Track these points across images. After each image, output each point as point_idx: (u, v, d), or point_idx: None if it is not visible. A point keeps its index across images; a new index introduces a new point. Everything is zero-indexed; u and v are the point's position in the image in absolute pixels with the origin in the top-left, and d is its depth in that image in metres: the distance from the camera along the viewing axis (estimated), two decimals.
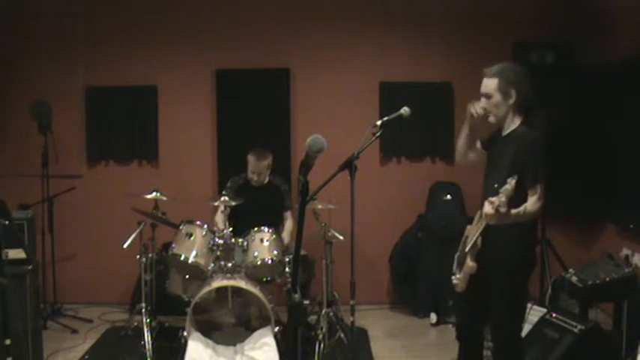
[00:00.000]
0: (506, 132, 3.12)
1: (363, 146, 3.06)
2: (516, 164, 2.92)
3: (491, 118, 3.13)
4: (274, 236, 4.35)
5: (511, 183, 2.69)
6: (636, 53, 4.62)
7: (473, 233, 3.08)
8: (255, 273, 4.23)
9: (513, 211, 2.78)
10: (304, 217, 2.25)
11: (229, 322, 4.27)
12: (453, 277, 3.20)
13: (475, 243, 2.98)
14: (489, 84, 3.07)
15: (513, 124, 3.10)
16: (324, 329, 4.31)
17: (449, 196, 5.47)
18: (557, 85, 4.95)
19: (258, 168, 4.86)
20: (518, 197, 2.80)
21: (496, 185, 2.92)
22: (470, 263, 3.00)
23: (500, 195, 2.72)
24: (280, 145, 5.50)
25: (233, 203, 4.45)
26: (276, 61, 5.66)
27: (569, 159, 5.08)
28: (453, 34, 5.60)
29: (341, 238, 4.49)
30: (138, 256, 4.46)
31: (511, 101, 3.05)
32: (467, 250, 3.04)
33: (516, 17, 5.46)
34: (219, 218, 4.77)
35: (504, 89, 3.04)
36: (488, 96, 3.08)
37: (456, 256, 3.25)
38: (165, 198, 4.47)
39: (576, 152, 5.07)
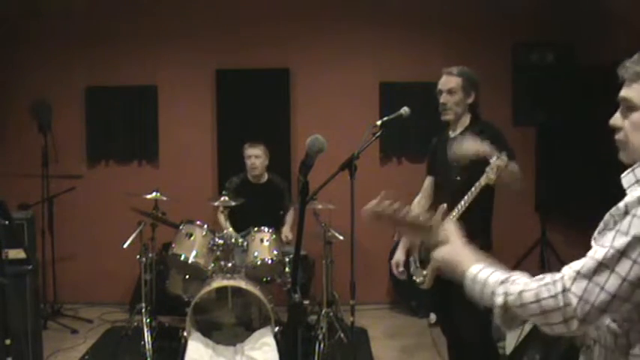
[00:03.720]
0: (457, 132, 3.23)
1: (363, 146, 3.07)
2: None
3: (448, 116, 3.24)
4: (274, 236, 4.35)
5: (502, 158, 2.79)
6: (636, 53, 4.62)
7: None
8: (255, 273, 4.23)
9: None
10: (304, 217, 2.25)
11: (229, 322, 4.27)
12: (415, 277, 3.20)
13: None
14: (453, 81, 3.20)
15: (463, 124, 3.22)
16: (324, 329, 4.31)
17: None
18: (557, 85, 4.95)
19: (254, 152, 4.89)
20: (477, 209, 2.96)
21: (458, 178, 3.01)
22: None
23: (491, 168, 2.83)
24: (280, 145, 5.50)
25: (233, 203, 4.45)
26: (276, 61, 5.66)
27: (569, 159, 5.08)
28: (452, 34, 5.60)
29: (341, 238, 4.49)
30: (138, 256, 4.46)
31: (469, 100, 3.19)
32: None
33: (516, 17, 5.46)
34: (223, 222, 4.78)
35: (467, 88, 3.18)
36: (451, 92, 3.20)
37: (411, 259, 3.27)
38: (165, 198, 4.47)
39: (576, 152, 5.07)
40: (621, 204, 1.33)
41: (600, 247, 1.32)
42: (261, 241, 4.29)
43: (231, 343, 4.01)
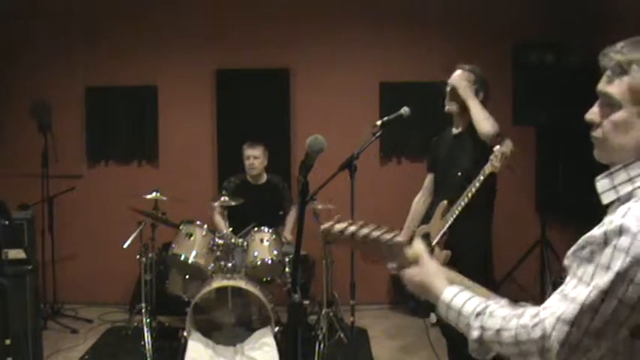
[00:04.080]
0: (459, 129, 3.28)
1: (363, 146, 3.07)
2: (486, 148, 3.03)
3: (452, 108, 3.21)
4: (274, 236, 4.35)
5: (507, 144, 2.83)
6: None
7: (439, 227, 3.12)
8: (255, 273, 4.23)
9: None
10: (304, 218, 2.25)
11: (229, 322, 4.27)
12: None
13: (444, 233, 3.04)
14: (464, 75, 3.26)
15: (466, 121, 3.23)
16: (324, 329, 4.31)
17: None
18: (557, 85, 4.95)
19: (253, 152, 4.87)
20: (481, 203, 2.99)
21: (460, 173, 3.03)
22: (444, 252, 3.04)
23: (495, 156, 2.87)
24: (280, 145, 5.50)
25: (233, 203, 4.45)
26: (276, 61, 5.66)
27: (569, 159, 5.08)
28: (452, 34, 5.60)
29: None
30: (138, 256, 4.47)
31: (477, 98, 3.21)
32: (434, 243, 3.08)
33: (516, 17, 5.46)
34: (220, 221, 4.77)
35: (476, 86, 3.23)
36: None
37: None
38: (165, 198, 4.47)
39: (576, 152, 5.06)
40: (598, 232, 1.20)
41: (580, 285, 1.19)
42: (261, 241, 4.30)
43: (231, 343, 4.02)
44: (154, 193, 4.45)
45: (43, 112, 5.19)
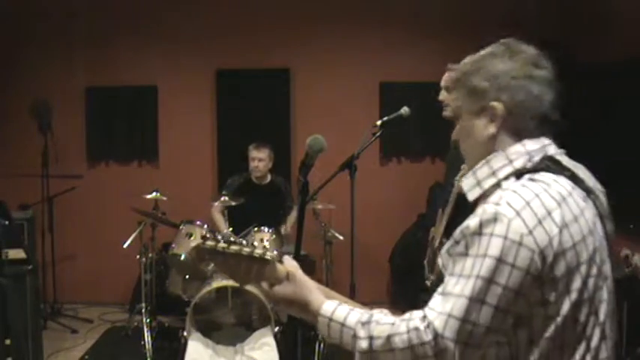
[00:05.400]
0: None
1: (363, 146, 3.07)
2: None
3: (446, 113, 3.15)
4: (274, 236, 4.35)
5: None
6: (635, 53, 4.62)
7: (440, 231, 3.10)
8: None
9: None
10: (304, 217, 2.25)
11: (229, 322, 4.27)
12: (427, 281, 3.21)
13: (441, 242, 3.01)
14: (450, 77, 3.08)
15: None
16: None
17: None
18: (557, 85, 4.95)
19: (258, 155, 4.86)
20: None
21: (457, 178, 2.99)
22: None
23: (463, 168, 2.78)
24: (280, 145, 5.49)
25: (233, 203, 4.45)
26: (276, 61, 5.66)
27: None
28: (452, 34, 5.60)
29: (341, 238, 4.49)
30: (138, 256, 4.47)
31: None
32: (436, 246, 3.07)
33: (516, 17, 5.46)
34: (220, 220, 4.77)
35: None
36: (448, 89, 3.10)
37: (425, 262, 3.26)
38: (165, 198, 4.47)
39: (575, 152, 5.06)
40: (473, 222, 1.19)
41: (461, 279, 1.17)
42: (261, 241, 4.30)
43: (231, 343, 4.01)
44: (153, 193, 4.45)
45: (43, 112, 5.19)
